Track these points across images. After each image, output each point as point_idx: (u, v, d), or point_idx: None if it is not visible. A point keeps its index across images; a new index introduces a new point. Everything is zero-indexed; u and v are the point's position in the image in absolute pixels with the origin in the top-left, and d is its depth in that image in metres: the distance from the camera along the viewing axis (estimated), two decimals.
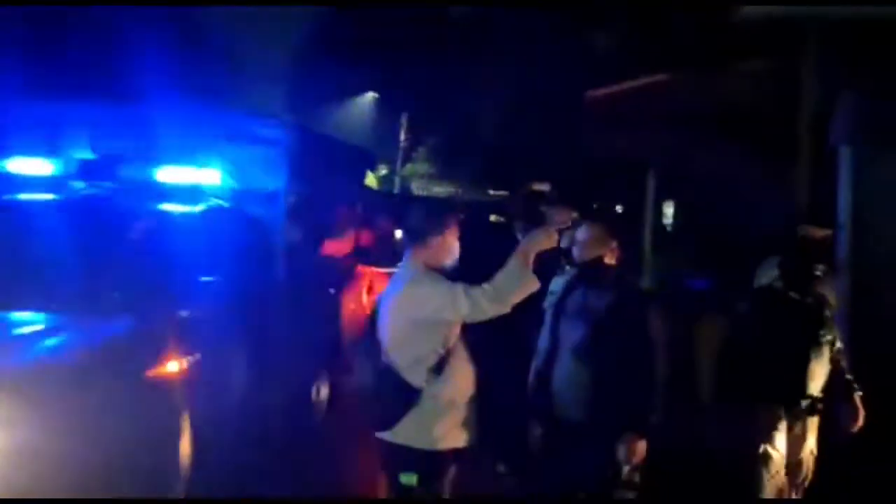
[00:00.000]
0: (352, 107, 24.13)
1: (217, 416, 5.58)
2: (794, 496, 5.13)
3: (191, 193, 6.10)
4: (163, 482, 4.91)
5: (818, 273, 5.00)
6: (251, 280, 6.36)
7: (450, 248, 4.09)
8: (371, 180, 19.24)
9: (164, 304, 5.22)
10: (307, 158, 7.59)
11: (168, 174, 6.11)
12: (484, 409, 4.14)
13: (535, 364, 4.76)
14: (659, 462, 4.55)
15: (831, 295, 5.20)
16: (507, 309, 3.90)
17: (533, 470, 4.95)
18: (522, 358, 4.90)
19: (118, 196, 5.97)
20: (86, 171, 6.02)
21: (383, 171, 23.76)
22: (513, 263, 3.89)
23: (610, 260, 4.68)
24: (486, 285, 3.88)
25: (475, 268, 4.03)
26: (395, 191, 23.50)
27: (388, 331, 4.05)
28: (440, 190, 25.53)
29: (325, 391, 7.60)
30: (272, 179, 7.06)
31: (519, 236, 7.15)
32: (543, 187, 7.42)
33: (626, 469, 4.41)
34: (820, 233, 5.55)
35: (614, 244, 4.71)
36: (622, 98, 9.76)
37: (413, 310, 3.97)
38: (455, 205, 4.75)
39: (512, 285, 3.87)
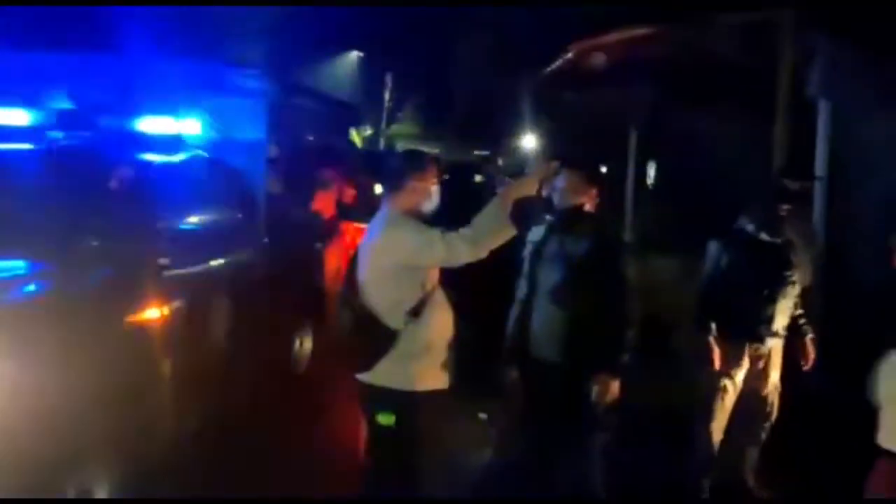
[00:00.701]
0: (336, 66, 23.97)
1: (198, 366, 5.61)
2: (759, 430, 5.28)
3: (171, 143, 6.09)
4: (142, 432, 4.92)
5: (783, 213, 5.08)
6: (232, 230, 6.38)
7: (427, 192, 4.10)
8: (355, 139, 19.23)
9: (144, 254, 5.22)
10: (289, 111, 7.58)
11: (148, 124, 6.09)
12: (462, 352, 4.20)
13: (514, 309, 4.82)
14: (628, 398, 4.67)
15: (803, 239, 5.28)
16: (483, 254, 3.89)
17: (511, 413, 5.03)
18: (501, 303, 4.96)
19: (98, 145, 5.94)
20: (65, 120, 5.99)
21: (367, 131, 23.65)
22: (491, 208, 3.89)
23: (589, 207, 4.73)
24: (463, 229, 3.87)
25: (457, 225, 4.04)
26: (379, 149, 23.43)
27: (367, 275, 4.08)
28: (424, 149, 25.47)
29: (308, 343, 7.65)
30: (253, 130, 7.06)
31: (499, 191, 7.21)
32: (528, 145, 7.48)
33: (600, 409, 4.50)
34: (795, 185, 5.63)
35: (594, 192, 4.75)
36: (604, 52, 9.76)
37: (391, 254, 4.00)
38: (435, 157, 4.75)
39: (489, 229, 3.85)
